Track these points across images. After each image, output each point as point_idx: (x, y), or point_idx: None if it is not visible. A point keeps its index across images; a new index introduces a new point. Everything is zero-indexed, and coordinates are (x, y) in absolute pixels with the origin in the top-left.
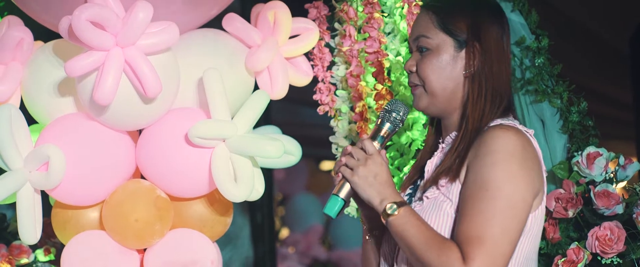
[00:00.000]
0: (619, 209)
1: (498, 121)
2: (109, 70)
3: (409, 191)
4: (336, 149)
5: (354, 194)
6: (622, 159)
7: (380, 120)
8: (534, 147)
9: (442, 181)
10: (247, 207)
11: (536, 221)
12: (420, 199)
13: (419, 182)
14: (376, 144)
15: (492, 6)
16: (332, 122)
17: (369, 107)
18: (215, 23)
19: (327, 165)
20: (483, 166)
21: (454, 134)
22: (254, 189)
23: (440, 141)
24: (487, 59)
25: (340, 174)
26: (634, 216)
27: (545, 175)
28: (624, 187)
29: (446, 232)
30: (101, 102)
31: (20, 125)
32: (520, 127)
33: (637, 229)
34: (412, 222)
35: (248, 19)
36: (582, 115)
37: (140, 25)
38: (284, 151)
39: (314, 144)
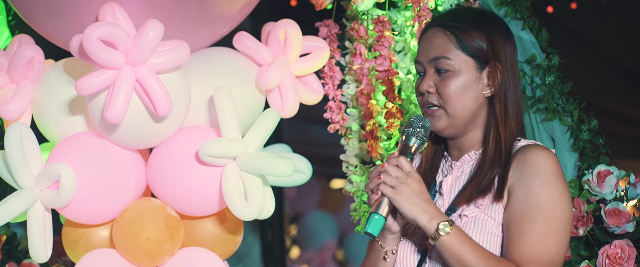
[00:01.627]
0: (630, 228)
1: (523, 141)
2: (119, 88)
3: None
4: (347, 167)
5: (392, 211)
6: (632, 178)
7: (405, 136)
8: None
9: (481, 200)
10: (258, 226)
11: None
12: (459, 216)
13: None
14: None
15: (503, 24)
16: (343, 141)
17: (380, 126)
18: (226, 41)
19: (338, 183)
20: (533, 187)
21: (473, 152)
22: (264, 207)
23: (448, 157)
24: (508, 77)
25: (378, 192)
26: None
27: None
28: (635, 206)
29: (493, 249)
30: (112, 121)
31: (31, 144)
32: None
33: None
34: (466, 241)
35: (259, 38)
36: (592, 134)
37: (151, 43)
38: (294, 169)
39: (325, 162)
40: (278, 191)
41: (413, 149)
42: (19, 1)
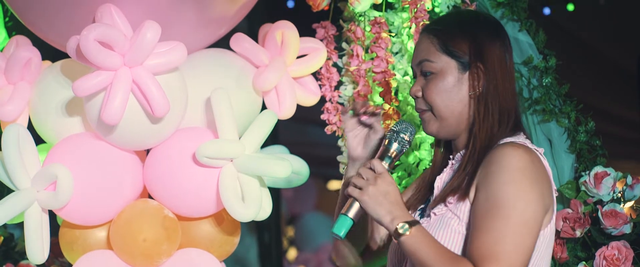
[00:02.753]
0: (627, 229)
1: (508, 139)
2: (116, 90)
3: (421, 206)
4: (344, 168)
5: (363, 213)
6: (629, 179)
7: (387, 140)
8: (544, 165)
9: (450, 199)
10: (255, 227)
11: (546, 238)
12: (428, 215)
13: (430, 199)
14: (384, 164)
15: (492, 25)
16: (340, 142)
17: None
18: (223, 43)
19: (335, 184)
20: (494, 184)
21: (463, 151)
22: (261, 208)
23: (450, 157)
24: (492, 78)
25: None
26: None
27: (555, 194)
28: (632, 207)
29: (455, 248)
30: (109, 122)
31: (28, 145)
32: (530, 145)
33: None
34: (424, 241)
35: (256, 39)
36: (589, 135)
37: (148, 45)
38: (291, 170)
39: (322, 164)
40: (275, 192)
41: (391, 153)
42: (16, 2)
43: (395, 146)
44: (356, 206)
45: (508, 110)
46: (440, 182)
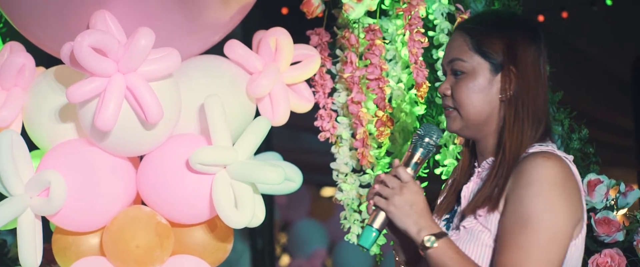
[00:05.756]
0: (620, 236)
1: (536, 147)
2: (110, 96)
3: (446, 216)
4: (337, 175)
5: (389, 223)
6: (622, 187)
7: (412, 146)
8: (574, 175)
9: (481, 211)
10: (248, 234)
11: (576, 249)
12: (457, 228)
13: (456, 208)
14: (410, 171)
15: (529, 27)
16: (333, 149)
17: (370, 134)
18: (217, 49)
19: (328, 191)
20: (524, 197)
21: (490, 159)
22: (254, 215)
23: (475, 164)
24: (524, 82)
25: (371, 203)
26: (635, 243)
27: (585, 200)
28: (625, 215)
29: (485, 263)
30: (102, 128)
31: (21, 151)
32: (560, 153)
33: (637, 256)
34: (451, 254)
35: (250, 46)
36: (583, 142)
37: (142, 51)
38: (284, 177)
39: (315, 171)
40: (268, 199)
41: (416, 159)
42: (10, 8)
43: (420, 151)
44: (382, 216)
45: (539, 116)
46: (467, 191)
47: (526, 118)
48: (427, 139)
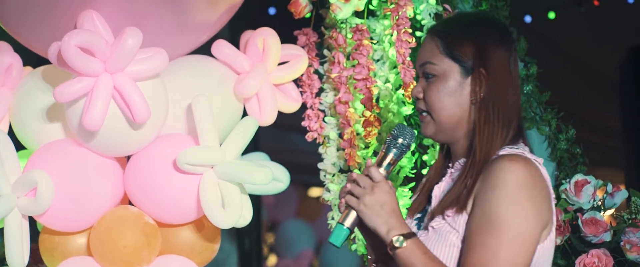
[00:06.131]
0: (607, 237)
1: (507, 149)
2: (97, 96)
3: (418, 215)
4: (324, 175)
5: (359, 223)
6: (610, 187)
7: (386, 146)
8: (543, 177)
9: (449, 211)
10: (235, 234)
11: (544, 252)
12: (426, 228)
13: (427, 208)
14: (382, 171)
15: (499, 30)
16: (321, 149)
17: (358, 134)
18: (205, 49)
19: (315, 191)
20: (490, 199)
21: (462, 160)
22: (241, 215)
23: (449, 164)
24: (494, 85)
25: (343, 202)
26: (622, 243)
27: (554, 203)
28: (612, 215)
29: (452, 263)
30: (90, 128)
31: (8, 151)
32: (529, 155)
33: (624, 256)
34: (419, 255)
35: (237, 46)
36: (570, 143)
37: (129, 51)
38: (272, 177)
39: (303, 171)
40: (256, 199)
41: (389, 159)
42: None
43: (393, 151)
44: (353, 214)
45: (509, 118)
46: (438, 191)
47: (497, 120)
48: (400, 140)
